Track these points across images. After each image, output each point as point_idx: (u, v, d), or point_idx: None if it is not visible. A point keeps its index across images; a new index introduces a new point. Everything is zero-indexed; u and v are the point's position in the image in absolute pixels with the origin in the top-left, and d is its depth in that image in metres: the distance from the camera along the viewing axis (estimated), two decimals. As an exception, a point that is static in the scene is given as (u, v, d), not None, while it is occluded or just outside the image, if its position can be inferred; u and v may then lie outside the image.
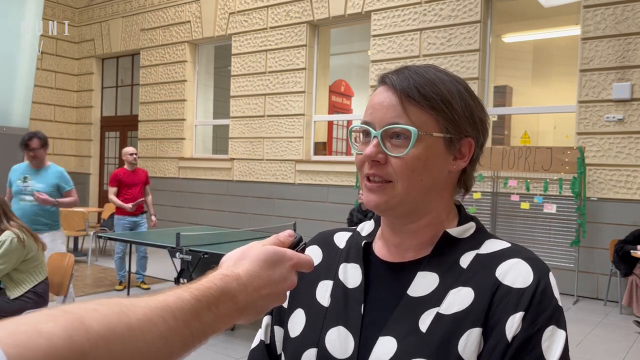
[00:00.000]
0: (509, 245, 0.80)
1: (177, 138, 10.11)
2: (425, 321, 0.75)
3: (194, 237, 5.29)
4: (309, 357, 0.82)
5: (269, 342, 0.91)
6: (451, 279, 0.78)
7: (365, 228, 0.94)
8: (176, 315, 0.54)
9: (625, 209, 6.08)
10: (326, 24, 8.55)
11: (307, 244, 0.93)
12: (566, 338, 0.72)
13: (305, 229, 7.47)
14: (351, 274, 0.87)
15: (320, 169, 8.26)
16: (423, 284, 0.79)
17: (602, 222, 6.21)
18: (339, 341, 0.81)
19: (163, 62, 10.32)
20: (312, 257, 0.74)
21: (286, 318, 0.90)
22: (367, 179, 0.82)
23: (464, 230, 0.84)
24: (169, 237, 5.46)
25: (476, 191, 6.49)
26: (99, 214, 9.79)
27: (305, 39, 8.44)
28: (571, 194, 5.98)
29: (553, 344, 0.70)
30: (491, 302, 0.73)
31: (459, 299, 0.75)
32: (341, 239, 0.95)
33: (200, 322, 0.57)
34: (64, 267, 4.00)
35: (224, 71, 10.44)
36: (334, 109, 9.74)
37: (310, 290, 0.89)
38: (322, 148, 8.94)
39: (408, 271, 0.82)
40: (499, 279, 0.75)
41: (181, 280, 5.17)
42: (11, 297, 3.61)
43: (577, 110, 6.43)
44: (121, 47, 11.08)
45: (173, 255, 4.95)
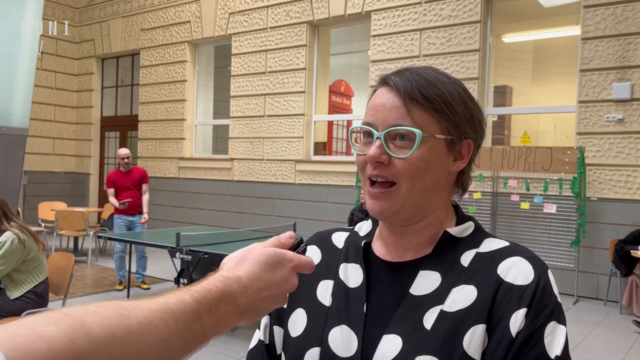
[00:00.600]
0: (507, 244, 0.82)
1: (177, 138, 10.11)
2: (429, 319, 0.76)
3: (194, 237, 5.29)
4: (312, 356, 0.83)
5: (268, 342, 0.91)
6: (453, 278, 0.79)
7: (363, 228, 0.95)
8: (177, 318, 0.54)
9: (625, 209, 6.08)
10: (326, 24, 8.55)
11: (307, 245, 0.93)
12: (566, 333, 0.74)
13: (305, 229, 7.47)
14: (352, 274, 0.88)
15: (320, 169, 8.26)
16: (425, 282, 0.80)
17: (602, 222, 6.21)
18: (342, 340, 0.81)
19: (163, 62, 10.32)
20: (312, 258, 0.74)
21: (286, 318, 0.90)
22: (370, 183, 0.82)
23: (463, 230, 0.85)
24: (169, 237, 5.46)
25: (476, 191, 6.49)
26: (99, 214, 9.79)
27: (305, 39, 8.44)
28: (571, 194, 5.98)
29: (555, 339, 0.72)
30: (494, 299, 0.75)
31: (462, 297, 0.76)
32: (339, 238, 0.96)
33: (201, 325, 0.57)
34: (64, 267, 4.00)
35: (224, 71, 10.44)
36: (334, 109, 9.74)
37: (310, 290, 0.89)
38: (322, 148, 8.94)
39: (409, 270, 0.83)
40: (501, 276, 0.76)
41: (181, 280, 5.17)
42: (11, 298, 3.61)
43: (577, 110, 6.43)
44: (121, 47, 11.08)
45: (173, 255, 4.95)
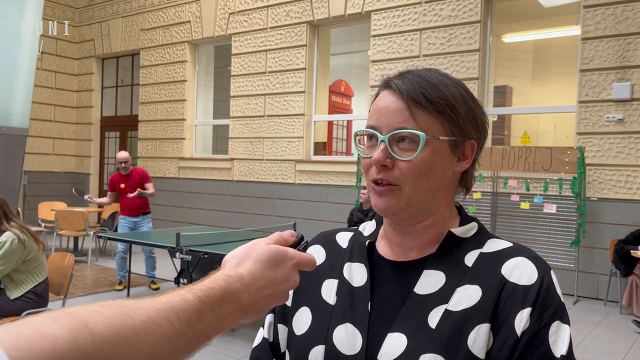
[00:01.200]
0: (511, 244, 0.83)
1: (177, 138, 10.11)
2: (434, 318, 0.77)
3: (194, 237, 5.29)
4: (316, 354, 0.83)
5: (272, 340, 0.92)
6: (457, 277, 0.80)
7: (367, 228, 0.96)
8: (180, 317, 0.54)
9: (625, 209, 6.08)
10: (326, 24, 8.55)
11: (309, 244, 0.93)
12: (570, 332, 0.75)
13: (305, 229, 7.47)
14: (356, 273, 0.88)
15: (320, 169, 8.26)
16: (429, 282, 0.81)
17: (602, 222, 6.21)
18: (347, 338, 0.82)
19: (163, 62, 10.32)
20: (314, 256, 0.75)
21: (290, 316, 0.90)
22: (374, 182, 0.83)
23: (467, 230, 0.86)
24: (169, 237, 5.46)
25: (476, 191, 6.49)
26: (99, 214, 9.78)
27: (305, 39, 8.44)
28: (571, 194, 5.98)
29: (559, 338, 0.73)
30: (498, 299, 0.75)
31: (466, 296, 0.77)
32: (343, 238, 0.96)
33: (204, 323, 0.57)
34: (64, 267, 4.00)
35: (224, 71, 10.44)
36: (334, 109, 9.74)
37: (315, 289, 0.90)
38: (322, 148, 8.94)
39: (413, 270, 0.84)
40: (505, 276, 0.77)
41: (181, 280, 5.16)
42: (11, 298, 3.61)
43: (577, 110, 6.43)
44: (121, 47, 11.08)
45: (173, 255, 4.95)
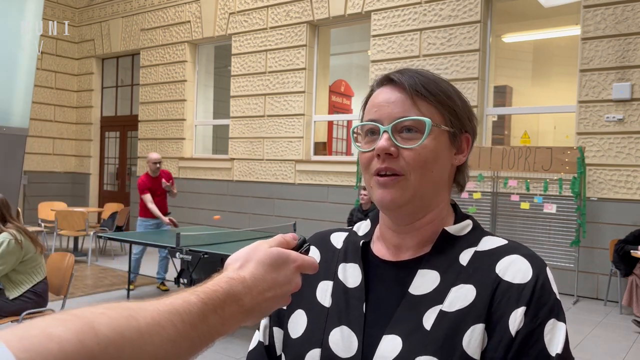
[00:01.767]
0: (506, 242, 0.82)
1: (177, 138, 10.11)
2: (429, 319, 0.76)
3: (194, 237, 5.30)
4: (312, 358, 0.83)
5: (267, 343, 0.91)
6: (452, 277, 0.79)
7: (362, 228, 0.95)
8: (184, 319, 0.55)
9: (625, 209, 6.08)
10: (326, 24, 8.56)
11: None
12: (566, 330, 0.74)
13: (306, 229, 7.47)
14: (351, 274, 0.88)
15: (320, 169, 8.26)
16: (424, 282, 0.80)
17: (602, 222, 6.21)
18: (343, 341, 0.81)
19: (163, 62, 10.32)
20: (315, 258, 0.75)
21: (286, 319, 0.90)
22: (377, 174, 0.82)
23: (462, 228, 0.85)
24: (169, 237, 5.47)
25: (476, 191, 6.50)
26: (99, 214, 9.79)
27: (305, 39, 8.44)
28: (571, 194, 5.98)
29: (554, 336, 0.72)
30: (493, 298, 0.75)
31: (461, 296, 0.76)
32: (338, 239, 0.96)
33: (207, 325, 0.57)
34: (64, 267, 4.00)
35: (224, 71, 10.44)
36: (334, 109, 9.75)
37: (310, 291, 0.89)
38: (322, 148, 8.94)
39: (408, 269, 0.83)
40: (499, 275, 0.76)
41: (181, 280, 5.17)
42: (10, 298, 3.62)
43: (577, 110, 6.43)
44: (121, 47, 11.08)
45: (173, 255, 4.95)
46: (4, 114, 5.20)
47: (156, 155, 6.38)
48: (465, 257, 0.80)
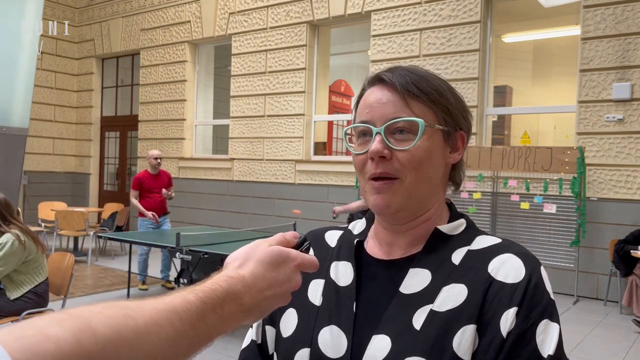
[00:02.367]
0: (499, 240, 0.81)
1: (177, 138, 10.11)
2: (419, 319, 0.75)
3: (194, 237, 5.30)
4: (302, 357, 0.82)
5: (260, 341, 0.90)
6: (443, 276, 0.78)
7: (357, 227, 0.94)
8: (182, 318, 0.54)
9: (625, 209, 6.08)
10: (326, 24, 8.55)
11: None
12: (560, 331, 0.72)
13: (306, 229, 7.41)
14: (342, 272, 0.87)
15: (320, 169, 8.26)
16: (415, 280, 0.79)
17: (602, 222, 6.21)
18: (332, 340, 0.80)
19: (163, 62, 10.32)
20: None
21: (278, 317, 0.89)
22: (372, 179, 0.81)
23: (455, 227, 0.84)
24: (169, 237, 5.47)
25: (476, 191, 6.49)
26: (99, 214, 9.78)
27: (305, 39, 8.44)
28: (571, 194, 5.98)
29: (547, 337, 0.70)
30: (484, 299, 0.73)
31: (452, 296, 0.75)
32: (332, 237, 0.95)
33: (206, 324, 0.57)
34: (64, 267, 4.00)
35: (224, 71, 10.44)
36: (334, 109, 9.74)
37: (302, 290, 0.88)
38: (322, 148, 8.94)
39: (400, 268, 0.82)
40: (492, 274, 0.75)
41: (181, 280, 5.16)
42: (11, 298, 3.61)
43: (577, 110, 6.43)
44: (121, 47, 11.08)
45: (173, 255, 4.95)
46: (4, 114, 5.20)
47: (156, 152, 6.41)
48: (457, 257, 0.79)
